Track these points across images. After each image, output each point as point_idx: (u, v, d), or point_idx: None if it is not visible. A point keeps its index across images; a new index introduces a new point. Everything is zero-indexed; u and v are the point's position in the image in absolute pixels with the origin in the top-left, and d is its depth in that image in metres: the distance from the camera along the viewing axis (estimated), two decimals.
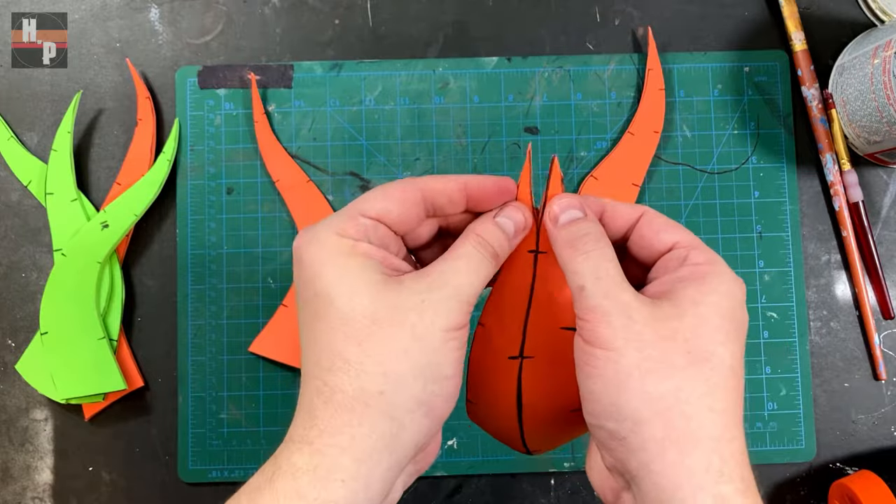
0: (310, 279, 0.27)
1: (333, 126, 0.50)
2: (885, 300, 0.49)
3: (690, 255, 0.28)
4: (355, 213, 0.28)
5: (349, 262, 0.26)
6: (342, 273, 0.26)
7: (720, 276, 0.27)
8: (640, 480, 0.25)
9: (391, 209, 0.28)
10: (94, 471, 0.48)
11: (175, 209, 0.50)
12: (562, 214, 0.29)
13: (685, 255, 0.28)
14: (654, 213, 0.30)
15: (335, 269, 0.26)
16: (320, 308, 0.26)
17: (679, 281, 0.27)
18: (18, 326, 0.49)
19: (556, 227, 0.29)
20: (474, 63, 0.51)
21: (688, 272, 0.27)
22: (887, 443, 0.49)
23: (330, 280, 0.26)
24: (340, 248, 0.27)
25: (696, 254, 0.28)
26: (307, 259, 0.27)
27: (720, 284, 0.27)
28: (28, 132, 0.50)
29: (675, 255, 0.28)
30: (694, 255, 0.28)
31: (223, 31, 0.51)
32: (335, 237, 0.27)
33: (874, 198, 0.50)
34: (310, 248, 0.27)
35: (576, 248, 0.27)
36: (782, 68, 0.51)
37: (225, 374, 0.48)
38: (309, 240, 0.27)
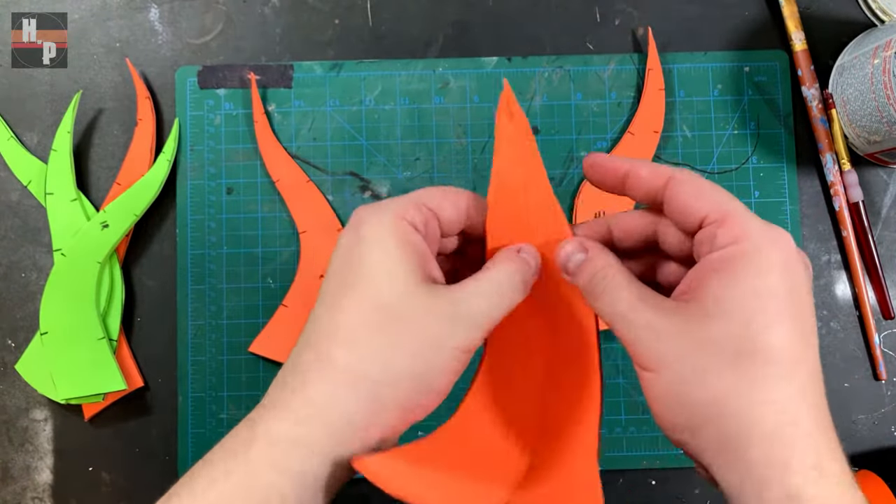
0: (361, 253, 0.27)
1: (333, 126, 0.50)
2: (885, 300, 0.49)
3: (718, 236, 0.25)
4: (419, 201, 0.29)
5: (400, 249, 0.27)
6: (390, 257, 0.27)
7: (749, 256, 0.25)
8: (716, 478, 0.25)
9: (447, 209, 0.29)
10: (94, 471, 0.48)
11: (175, 209, 0.50)
12: (569, 262, 0.29)
13: (713, 236, 0.26)
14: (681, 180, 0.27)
15: (386, 251, 0.27)
16: (357, 280, 0.27)
17: (703, 273, 0.26)
18: (18, 326, 0.49)
19: (570, 276, 0.29)
20: (474, 63, 0.50)
21: (711, 262, 0.25)
22: (887, 443, 0.49)
23: (378, 260, 0.27)
24: (397, 232, 0.27)
25: (723, 232, 0.25)
26: (365, 229, 0.27)
27: (749, 266, 0.25)
28: (28, 132, 0.50)
29: (705, 235, 0.26)
30: (721, 235, 0.25)
31: (223, 31, 0.51)
32: (398, 220, 0.27)
33: (874, 198, 0.50)
34: (371, 220, 0.27)
35: (591, 294, 0.28)
36: (782, 68, 0.51)
37: (225, 374, 0.48)
38: (372, 212, 0.28)
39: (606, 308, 0.27)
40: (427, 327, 0.26)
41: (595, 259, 0.28)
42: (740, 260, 0.25)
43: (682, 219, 0.27)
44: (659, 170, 0.28)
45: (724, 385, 0.24)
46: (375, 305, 0.26)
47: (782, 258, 0.25)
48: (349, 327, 0.26)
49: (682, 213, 0.27)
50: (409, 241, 0.27)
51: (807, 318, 0.25)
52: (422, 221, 0.28)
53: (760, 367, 0.24)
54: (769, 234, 0.25)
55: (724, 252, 0.25)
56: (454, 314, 0.26)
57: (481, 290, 0.27)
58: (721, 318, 0.24)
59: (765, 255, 0.25)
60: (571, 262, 0.29)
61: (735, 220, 0.25)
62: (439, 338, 0.26)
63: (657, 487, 0.48)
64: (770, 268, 0.25)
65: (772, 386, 0.24)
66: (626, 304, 0.26)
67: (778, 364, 0.24)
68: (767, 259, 0.25)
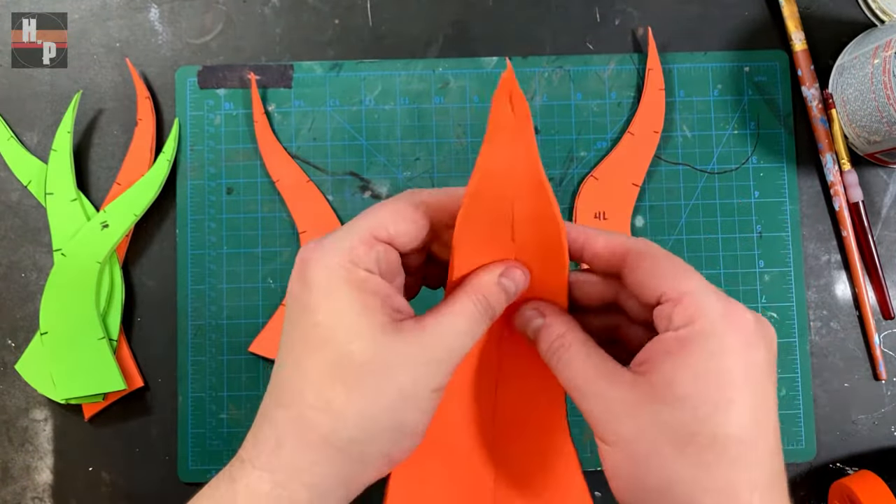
0: (312, 305, 0.25)
1: (333, 126, 0.50)
2: (885, 300, 0.49)
3: (674, 315, 0.25)
4: (368, 234, 0.26)
5: (357, 299, 0.25)
6: (348, 309, 0.25)
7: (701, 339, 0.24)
8: None
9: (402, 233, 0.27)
10: (94, 471, 0.48)
11: (175, 209, 0.50)
12: (527, 328, 0.29)
13: (669, 315, 0.25)
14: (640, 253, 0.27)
15: (341, 304, 0.25)
16: (317, 339, 0.25)
17: (658, 352, 0.25)
18: (18, 326, 0.49)
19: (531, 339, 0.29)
20: (474, 63, 0.50)
21: (665, 341, 0.25)
22: (887, 443, 0.49)
23: (334, 314, 0.25)
24: (351, 280, 0.25)
25: (679, 311, 0.25)
26: (314, 281, 0.26)
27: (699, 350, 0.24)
28: (28, 132, 0.50)
29: (661, 313, 0.26)
30: (676, 315, 0.25)
31: (223, 31, 0.51)
32: (348, 265, 0.25)
33: (874, 198, 0.50)
34: (318, 270, 0.26)
35: (550, 361, 0.27)
36: (782, 68, 0.51)
37: (225, 374, 0.48)
38: (319, 259, 0.26)
39: (566, 379, 0.27)
40: (401, 377, 0.25)
41: (552, 326, 0.28)
42: (694, 342, 0.24)
43: (639, 294, 0.27)
44: (615, 242, 0.27)
45: (673, 470, 0.24)
46: (343, 364, 0.25)
47: (740, 339, 0.24)
48: (319, 389, 0.25)
49: (639, 289, 0.27)
50: (363, 287, 0.25)
51: (764, 399, 0.24)
52: (374, 260, 0.26)
53: (711, 453, 0.23)
54: (726, 313, 0.24)
55: (678, 333, 0.25)
56: (427, 359, 0.25)
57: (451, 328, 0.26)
58: (672, 402, 0.24)
59: (719, 337, 0.24)
60: (530, 328, 0.28)
61: (691, 300, 0.25)
62: (415, 385, 0.25)
63: None
64: (725, 350, 0.24)
65: (723, 473, 0.23)
66: (581, 376, 0.26)
67: (729, 449, 0.23)
68: (722, 341, 0.24)
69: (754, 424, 0.24)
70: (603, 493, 0.48)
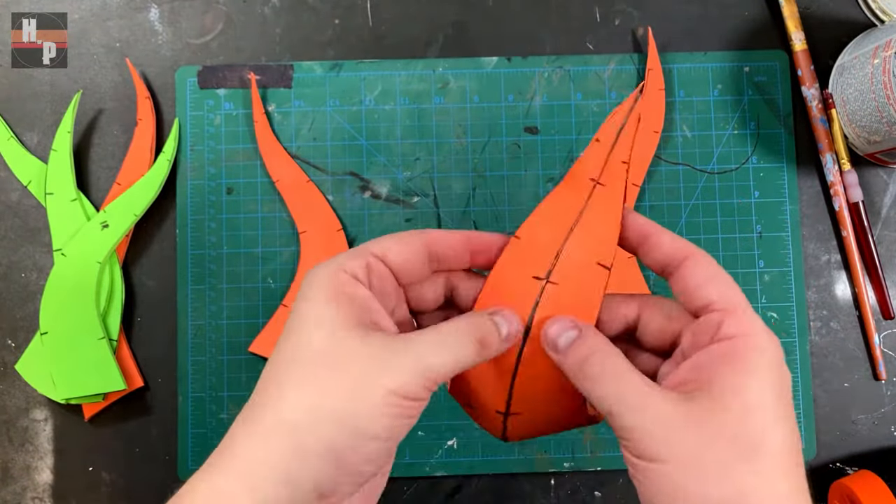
0: (295, 310, 0.27)
1: (333, 126, 0.50)
2: (885, 300, 0.49)
3: (724, 326, 0.25)
4: (362, 249, 0.28)
5: (331, 302, 0.26)
6: (320, 312, 0.26)
7: (758, 351, 0.25)
8: None
9: (394, 249, 0.28)
10: (94, 471, 0.48)
11: (175, 209, 0.50)
12: (559, 339, 0.27)
13: (718, 324, 0.26)
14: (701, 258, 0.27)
15: (316, 308, 0.26)
16: (288, 340, 0.26)
17: (713, 364, 0.25)
18: (18, 326, 0.49)
19: (558, 354, 0.27)
20: (474, 63, 0.50)
21: (721, 351, 0.25)
22: (887, 443, 0.49)
23: (307, 318, 0.26)
24: (333, 284, 0.26)
25: (730, 323, 0.25)
26: (304, 287, 0.27)
27: (760, 361, 0.25)
28: (28, 132, 0.50)
29: (707, 322, 0.26)
30: (727, 326, 0.25)
31: (223, 31, 0.51)
32: (336, 272, 0.27)
33: (874, 198, 0.50)
34: (310, 278, 0.27)
35: (585, 376, 0.26)
36: (782, 68, 0.51)
37: (225, 374, 0.48)
38: (315, 271, 0.27)
39: (605, 392, 0.25)
40: (353, 368, 0.25)
41: (589, 338, 0.27)
42: (750, 354, 0.25)
43: (689, 297, 0.27)
44: (680, 243, 0.28)
45: (744, 481, 0.24)
46: (303, 355, 0.25)
47: (779, 358, 0.26)
48: (278, 379, 0.25)
49: (692, 291, 0.27)
50: (342, 292, 0.26)
51: (793, 414, 0.26)
52: (362, 268, 0.27)
53: (769, 462, 0.24)
54: (769, 333, 0.26)
55: (731, 343, 0.25)
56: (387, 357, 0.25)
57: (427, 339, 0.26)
58: (739, 410, 0.24)
59: (770, 353, 0.25)
60: (562, 340, 0.27)
61: (744, 314, 0.26)
62: (367, 378, 0.25)
63: None
64: (773, 366, 0.25)
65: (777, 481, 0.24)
66: (632, 388, 0.25)
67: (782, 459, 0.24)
68: (773, 356, 0.25)
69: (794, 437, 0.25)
70: (603, 494, 0.48)
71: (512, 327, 0.28)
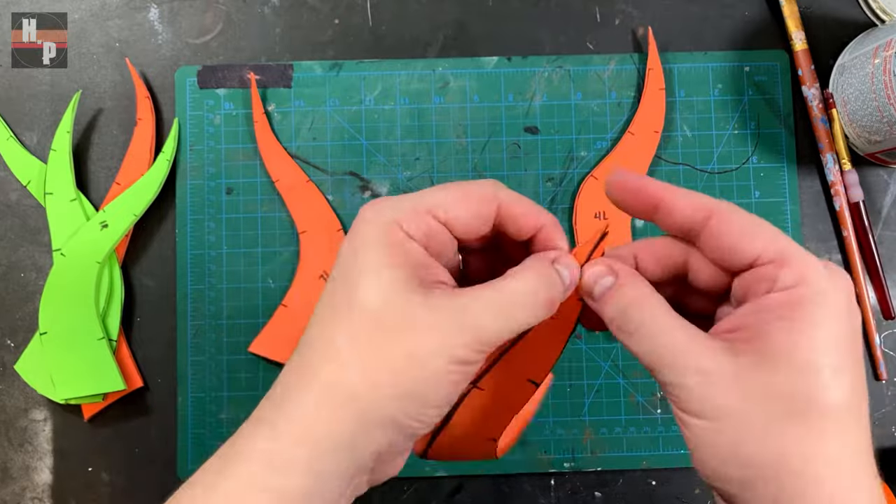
0: (346, 258, 0.25)
1: (333, 126, 0.50)
2: (886, 300, 0.49)
3: (780, 276, 0.23)
4: (425, 209, 0.26)
5: (387, 255, 0.24)
6: (377, 266, 0.24)
7: (819, 301, 0.23)
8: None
9: (462, 218, 0.26)
10: (94, 471, 0.48)
11: (175, 209, 0.49)
12: (595, 286, 0.26)
13: (773, 276, 0.23)
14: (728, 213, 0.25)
15: (371, 257, 0.24)
16: (342, 290, 0.25)
17: (766, 318, 0.23)
18: (17, 326, 0.49)
19: (595, 301, 0.26)
20: (474, 63, 0.50)
21: (776, 303, 0.23)
22: (887, 443, 0.49)
23: (362, 267, 0.24)
24: (390, 240, 0.25)
25: (787, 272, 0.23)
26: (357, 235, 0.25)
27: (819, 314, 0.23)
28: (27, 132, 0.50)
29: (760, 275, 0.24)
30: (784, 275, 0.23)
31: (223, 31, 0.51)
32: (394, 226, 0.25)
33: (875, 197, 0.50)
34: (364, 225, 0.25)
35: (623, 329, 0.25)
36: (782, 68, 0.51)
37: (225, 374, 0.48)
38: (374, 215, 0.25)
39: (645, 346, 0.24)
40: (413, 335, 0.24)
41: (628, 286, 0.25)
42: (808, 305, 0.23)
43: (727, 257, 0.25)
44: (699, 201, 0.25)
45: (790, 440, 0.22)
46: (361, 316, 0.24)
47: (846, 303, 0.23)
48: (335, 340, 0.24)
49: (728, 251, 0.24)
50: (401, 250, 0.25)
51: (861, 367, 0.23)
52: (422, 232, 0.25)
53: (824, 422, 0.22)
54: (831, 276, 0.23)
55: (788, 295, 0.23)
56: (446, 320, 0.24)
57: (493, 302, 0.24)
58: (791, 369, 0.22)
59: (831, 301, 0.23)
60: (598, 287, 0.25)
61: (798, 261, 0.23)
62: (427, 347, 0.24)
63: (657, 487, 0.48)
64: (836, 315, 0.23)
65: (833, 441, 0.22)
66: (673, 344, 0.23)
67: (839, 419, 0.23)
68: (834, 305, 0.23)
69: (858, 393, 0.23)
70: (603, 494, 0.48)
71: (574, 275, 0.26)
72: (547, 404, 0.48)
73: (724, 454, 0.23)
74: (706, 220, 0.25)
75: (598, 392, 0.48)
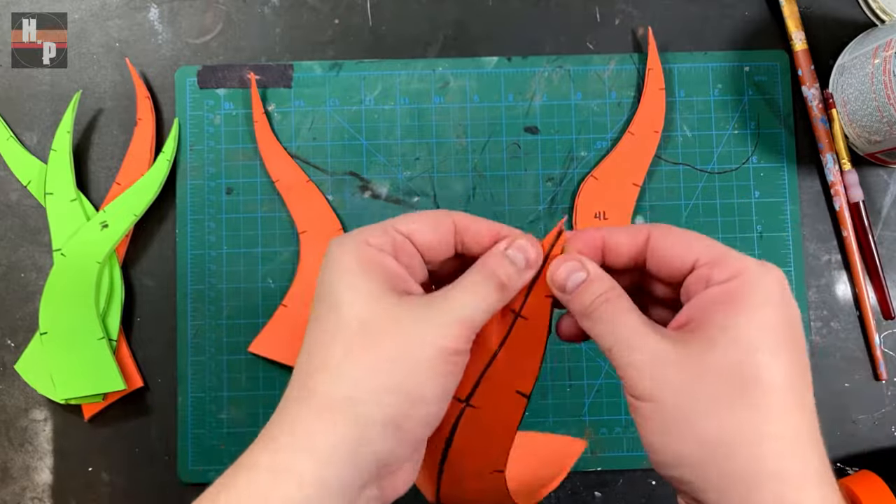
0: (326, 281, 0.27)
1: (333, 126, 0.50)
2: (886, 300, 0.49)
3: (713, 274, 0.26)
4: (389, 226, 0.28)
5: (363, 271, 0.26)
6: (353, 281, 0.26)
7: (750, 288, 0.25)
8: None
9: (423, 230, 0.29)
10: (94, 471, 0.48)
11: (175, 209, 0.49)
12: (567, 281, 0.27)
13: (707, 275, 0.26)
14: (663, 231, 0.28)
15: (348, 277, 0.26)
16: (325, 311, 0.27)
17: (704, 307, 0.25)
18: (18, 326, 0.49)
19: (565, 294, 0.28)
20: (474, 63, 0.50)
21: (712, 295, 0.25)
22: (887, 443, 0.49)
23: (341, 286, 0.26)
24: (361, 256, 0.27)
25: (719, 271, 0.26)
26: (331, 260, 0.27)
27: (751, 296, 0.25)
28: (27, 132, 0.50)
29: (697, 277, 0.26)
30: (717, 273, 0.26)
31: (223, 31, 0.51)
32: (362, 245, 0.27)
33: (875, 198, 0.50)
34: (336, 251, 0.27)
35: (590, 316, 0.27)
36: (782, 68, 0.51)
37: (225, 374, 0.48)
38: (340, 242, 0.28)
39: (608, 333, 0.26)
40: (398, 332, 0.25)
41: (597, 280, 0.27)
42: (742, 292, 0.25)
43: (668, 270, 0.27)
44: (634, 229, 0.28)
45: (732, 417, 0.24)
46: (343, 325, 0.26)
47: (779, 291, 0.25)
48: (323, 353, 0.26)
49: (668, 262, 0.27)
50: (372, 260, 0.27)
51: (802, 352, 0.25)
52: (389, 243, 0.28)
53: (766, 398, 0.24)
54: (765, 268, 0.26)
55: (725, 286, 0.25)
56: (425, 314, 0.26)
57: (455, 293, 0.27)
58: (728, 346, 0.24)
59: (765, 288, 0.25)
60: (571, 281, 0.27)
61: (730, 259, 0.26)
62: (413, 340, 0.25)
63: (657, 487, 0.48)
64: (769, 300, 0.25)
65: (778, 419, 0.24)
66: (630, 330, 0.26)
67: (782, 396, 0.24)
68: (767, 291, 0.25)
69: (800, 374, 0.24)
70: (603, 494, 0.48)
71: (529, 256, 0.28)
72: (547, 404, 0.48)
73: (673, 434, 0.24)
74: (645, 242, 0.28)
75: (598, 392, 0.48)
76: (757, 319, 0.24)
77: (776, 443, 0.23)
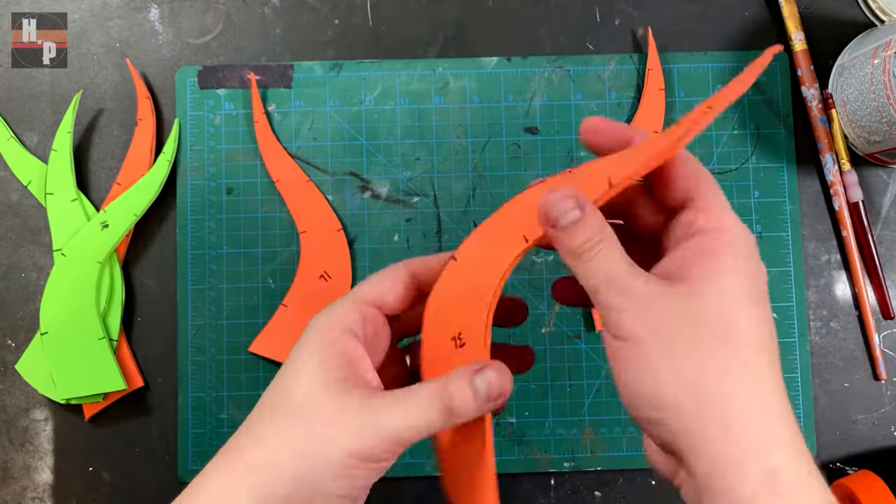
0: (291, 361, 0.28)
1: (333, 126, 0.50)
2: (885, 300, 0.49)
3: (698, 220, 0.27)
4: (357, 297, 0.29)
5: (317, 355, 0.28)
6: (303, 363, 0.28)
7: (736, 245, 0.26)
8: (688, 461, 0.25)
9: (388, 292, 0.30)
10: (94, 471, 0.48)
11: (175, 209, 0.50)
12: (561, 217, 0.26)
13: (692, 220, 0.27)
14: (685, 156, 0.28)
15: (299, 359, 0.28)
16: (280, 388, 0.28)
17: (688, 256, 0.26)
18: (18, 326, 0.49)
19: (556, 230, 0.27)
20: (474, 63, 0.51)
21: (695, 246, 0.26)
22: (887, 443, 0.49)
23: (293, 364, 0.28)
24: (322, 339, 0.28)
25: (703, 217, 0.27)
26: (302, 340, 0.29)
27: (732, 252, 0.26)
28: (28, 132, 0.50)
29: (684, 219, 0.27)
30: (701, 220, 0.27)
31: (223, 31, 0.51)
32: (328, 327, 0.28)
33: (874, 198, 0.50)
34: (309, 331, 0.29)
35: (581, 256, 0.27)
36: (782, 68, 0.51)
37: (225, 374, 0.48)
38: (314, 321, 0.29)
39: (597, 271, 0.26)
40: (320, 427, 0.26)
41: (591, 219, 0.27)
42: (727, 247, 0.26)
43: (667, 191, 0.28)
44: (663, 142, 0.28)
45: (712, 361, 0.25)
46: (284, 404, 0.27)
47: (755, 252, 0.27)
48: (260, 422, 0.28)
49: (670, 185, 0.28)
50: (330, 346, 0.28)
51: (768, 306, 0.26)
52: (359, 321, 0.29)
53: (745, 349, 0.25)
54: (743, 228, 0.27)
55: (705, 239, 0.26)
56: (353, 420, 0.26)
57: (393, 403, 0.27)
58: (713, 296, 0.25)
59: (745, 248, 0.26)
60: (565, 219, 0.26)
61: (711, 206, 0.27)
62: (330, 439, 0.26)
63: (657, 487, 0.48)
64: (750, 258, 0.26)
65: (752, 366, 0.25)
66: (620, 272, 0.26)
67: (756, 346, 0.25)
68: (748, 250, 0.26)
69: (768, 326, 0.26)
70: (603, 494, 0.48)
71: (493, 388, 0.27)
72: (547, 404, 0.48)
73: (659, 374, 0.25)
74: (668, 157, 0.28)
75: (598, 392, 0.48)
76: (740, 273, 0.26)
77: (749, 387, 0.25)
